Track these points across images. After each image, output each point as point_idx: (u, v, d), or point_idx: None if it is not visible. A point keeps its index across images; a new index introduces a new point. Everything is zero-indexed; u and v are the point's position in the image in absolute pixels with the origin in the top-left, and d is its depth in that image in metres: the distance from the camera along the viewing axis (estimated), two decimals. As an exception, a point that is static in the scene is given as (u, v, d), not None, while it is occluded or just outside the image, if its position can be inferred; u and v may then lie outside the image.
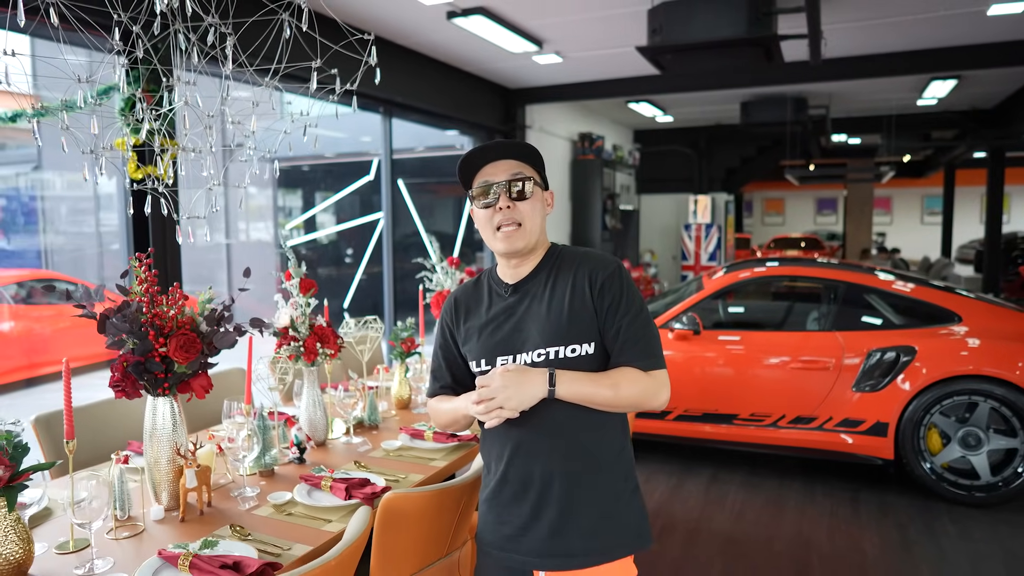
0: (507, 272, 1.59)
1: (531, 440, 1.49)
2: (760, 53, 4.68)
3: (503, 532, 1.53)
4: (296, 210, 13.45)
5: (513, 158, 1.53)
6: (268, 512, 1.95)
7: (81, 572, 1.60)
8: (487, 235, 1.54)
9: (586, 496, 1.48)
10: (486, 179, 1.52)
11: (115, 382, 1.89)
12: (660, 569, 3.14)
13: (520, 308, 1.54)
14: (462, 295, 1.66)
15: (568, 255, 1.57)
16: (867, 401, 3.95)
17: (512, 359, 1.50)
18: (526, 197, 1.51)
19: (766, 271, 4.83)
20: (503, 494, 1.53)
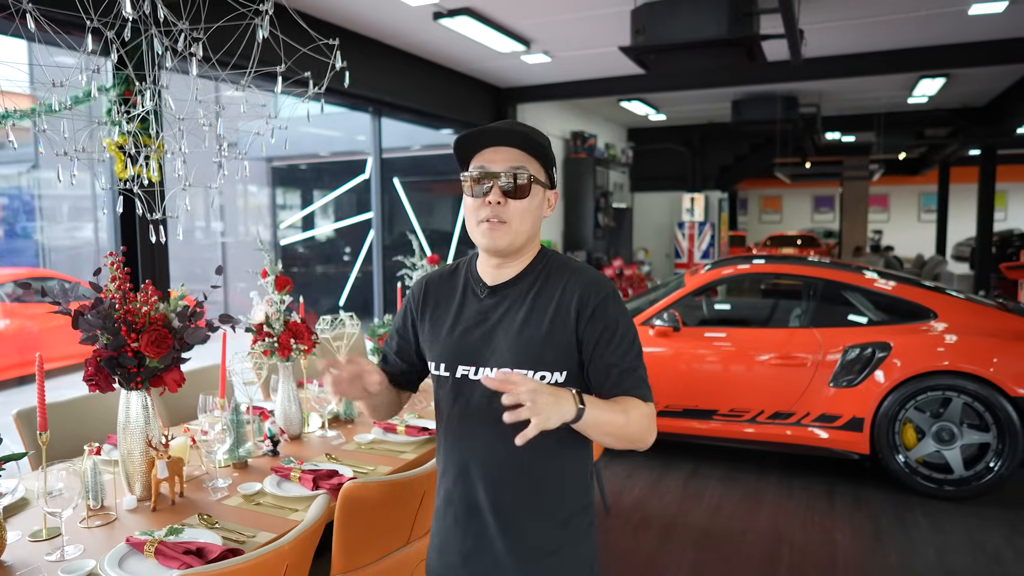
0: (488, 271, 1.40)
1: (483, 461, 1.35)
2: (742, 53, 4.74)
3: (445, 559, 1.41)
4: (294, 208, 13.52)
5: (519, 148, 1.33)
6: (238, 502, 2.01)
7: (52, 558, 1.67)
8: (470, 224, 1.36)
9: (537, 531, 1.34)
10: (483, 165, 1.33)
11: (88, 376, 1.95)
12: (634, 562, 3.21)
13: (494, 315, 1.35)
14: (434, 283, 1.48)
15: (558, 265, 1.38)
16: (843, 396, 4.01)
17: (474, 371, 1.34)
18: (521, 196, 1.32)
19: (750, 268, 4.89)
20: (447, 516, 1.41)
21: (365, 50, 5.65)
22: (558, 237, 9.74)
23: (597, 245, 9.99)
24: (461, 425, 1.37)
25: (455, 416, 1.37)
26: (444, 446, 1.42)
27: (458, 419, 1.37)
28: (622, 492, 4.01)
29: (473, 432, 1.35)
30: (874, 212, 19.88)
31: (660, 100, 9.67)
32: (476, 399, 1.34)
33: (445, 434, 1.41)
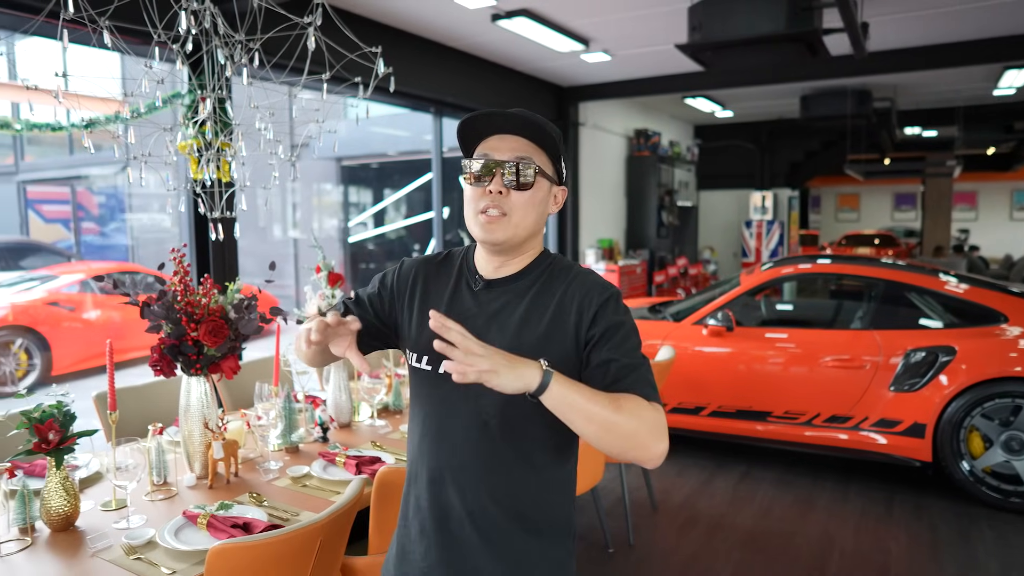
0: (486, 266, 1.30)
1: (460, 468, 1.23)
2: (803, 48, 4.63)
3: (403, 570, 1.29)
4: (364, 206, 13.93)
5: (526, 137, 1.24)
6: (286, 483, 2.15)
7: (119, 526, 1.83)
8: (469, 215, 1.26)
9: (508, 554, 1.22)
10: (486, 153, 1.24)
11: (154, 362, 2.12)
12: (676, 559, 3.21)
13: (488, 310, 1.25)
14: (426, 267, 1.36)
15: (562, 268, 1.29)
16: (904, 401, 3.89)
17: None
18: (524, 188, 1.23)
19: (811, 268, 4.78)
20: (411, 525, 1.29)
21: (425, 52, 5.79)
22: (620, 236, 9.70)
23: (661, 244, 9.89)
24: (440, 426, 1.25)
25: (435, 414, 1.26)
26: (419, 446, 1.28)
27: (436, 418, 1.26)
28: (670, 490, 4.00)
29: (452, 434, 1.23)
30: (961, 210, 18.88)
31: (726, 96, 9.49)
32: (460, 399, 1.22)
33: (421, 433, 1.28)
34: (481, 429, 1.22)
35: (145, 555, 1.67)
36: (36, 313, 6.86)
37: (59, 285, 7.33)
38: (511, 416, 1.21)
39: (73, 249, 12.90)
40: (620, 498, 3.75)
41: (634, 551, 3.29)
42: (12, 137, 13.99)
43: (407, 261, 1.39)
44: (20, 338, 6.70)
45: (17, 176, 13.84)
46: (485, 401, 1.21)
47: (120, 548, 1.70)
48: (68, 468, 1.85)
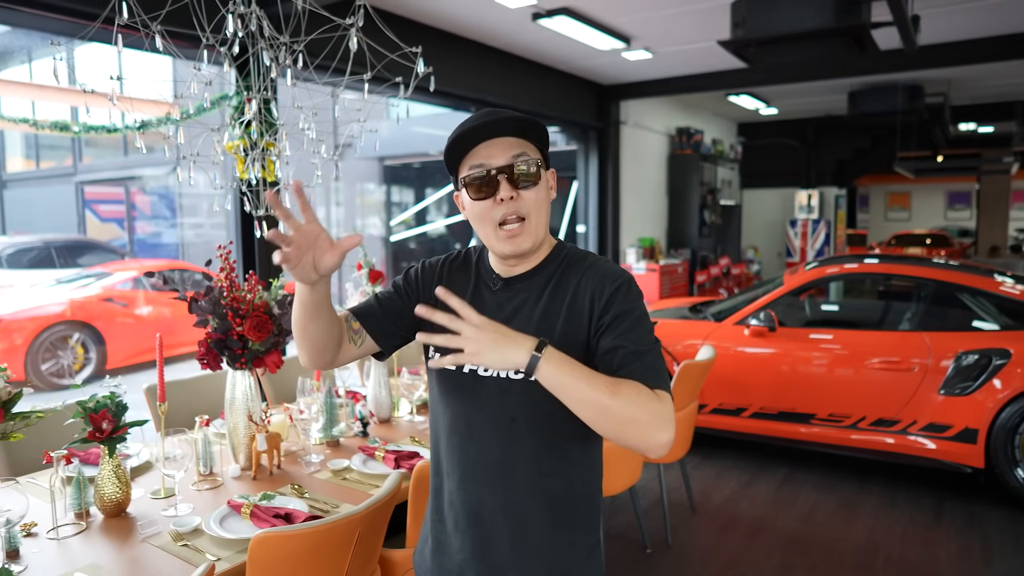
0: (501, 264, 1.30)
1: (492, 463, 1.24)
2: (851, 43, 4.52)
3: (441, 563, 1.32)
4: (405, 205, 14.08)
5: (512, 135, 1.22)
6: (327, 476, 2.19)
7: (167, 513, 1.90)
8: (485, 232, 1.25)
9: (540, 545, 1.25)
10: (481, 163, 1.21)
11: (200, 356, 2.19)
12: (715, 560, 3.18)
13: (507, 309, 1.26)
14: (449, 268, 1.37)
15: (575, 260, 1.29)
16: (955, 405, 3.77)
17: (483, 367, 1.23)
18: (532, 184, 1.22)
19: (857, 268, 4.67)
20: (446, 520, 1.31)
21: (467, 51, 5.83)
22: (662, 235, 9.61)
23: (703, 243, 9.77)
24: (468, 424, 1.26)
25: (461, 414, 1.27)
26: (446, 444, 1.30)
27: (464, 417, 1.27)
28: (710, 492, 3.96)
29: (480, 431, 1.25)
30: (1019, 209, 18.20)
31: (771, 93, 9.32)
32: (485, 397, 1.24)
33: (449, 432, 1.29)
34: (508, 426, 1.23)
35: (192, 542, 1.72)
36: (92, 309, 7.13)
37: (114, 282, 7.60)
38: (536, 412, 1.22)
39: (127, 247, 13.35)
40: (658, 498, 3.72)
41: (672, 551, 3.26)
42: (71, 139, 14.56)
43: (427, 263, 1.39)
44: (77, 332, 6.96)
45: (75, 177, 14.38)
46: (510, 399, 1.23)
47: (168, 535, 1.76)
48: (120, 457, 1.92)
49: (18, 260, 8.71)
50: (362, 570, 1.72)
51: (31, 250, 8.99)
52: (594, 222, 8.16)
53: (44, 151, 15.96)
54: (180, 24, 2.33)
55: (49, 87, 7.05)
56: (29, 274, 8.39)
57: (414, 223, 13.72)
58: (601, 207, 8.15)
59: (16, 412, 1.69)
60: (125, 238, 13.82)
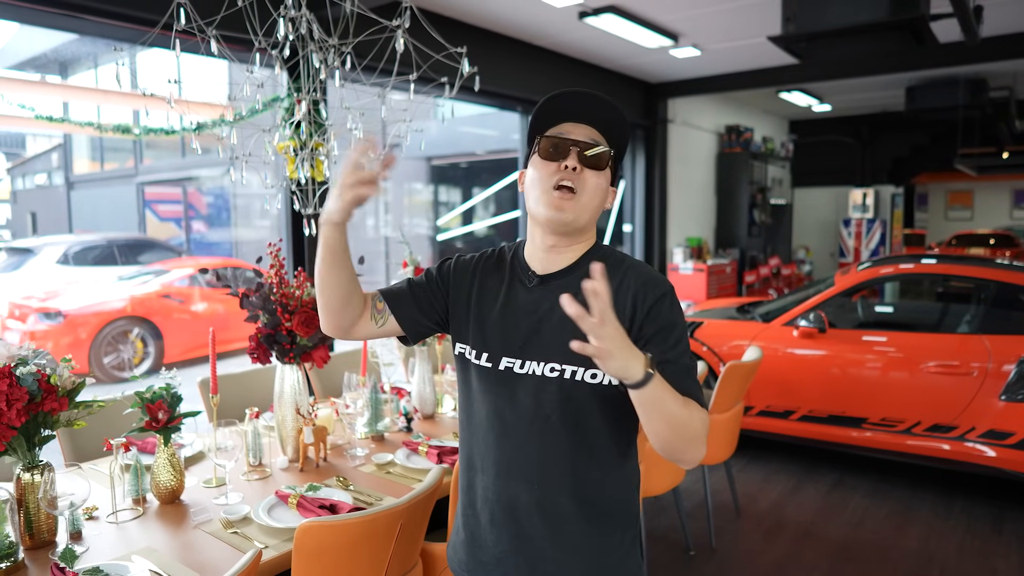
0: (537, 257, 1.31)
1: (528, 460, 1.26)
2: (908, 36, 4.38)
3: (477, 556, 1.33)
4: (455, 205, 14.22)
5: (600, 131, 1.27)
6: (371, 469, 2.24)
7: (218, 501, 1.97)
8: (535, 194, 1.26)
9: (576, 541, 1.26)
10: (561, 132, 1.26)
11: (251, 350, 2.26)
12: (759, 565, 3.12)
13: (543, 306, 1.27)
14: (482, 264, 1.38)
15: (614, 261, 1.29)
16: (1017, 412, 3.62)
17: (520, 364, 1.26)
18: (598, 167, 1.25)
19: (913, 268, 4.52)
20: (480, 514, 1.32)
21: (512, 51, 5.85)
22: (710, 235, 9.47)
23: (752, 243, 9.60)
24: (502, 421, 1.27)
25: (496, 411, 1.28)
26: (480, 441, 1.31)
27: (499, 414, 1.28)
28: (755, 495, 3.89)
29: (516, 428, 1.26)
30: (1091, 207, 17.36)
31: (824, 89, 9.09)
32: (521, 394, 1.25)
33: (485, 428, 1.30)
34: (544, 422, 1.24)
35: (241, 529, 1.78)
36: (151, 305, 7.39)
37: (172, 279, 7.86)
38: (572, 410, 1.24)
39: (184, 246, 13.81)
40: (702, 501, 3.67)
41: (716, 554, 3.22)
42: (133, 142, 15.13)
43: (461, 258, 1.40)
44: (137, 328, 7.23)
45: (136, 178, 14.94)
46: (546, 396, 1.24)
47: (219, 522, 1.82)
48: (175, 446, 2.00)
49: (83, 258, 9.09)
50: (404, 562, 1.75)
51: (95, 248, 9.36)
52: (641, 221, 8.10)
53: (108, 153, 16.63)
54: (234, 29, 2.41)
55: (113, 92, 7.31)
56: (93, 271, 8.75)
57: (461, 223, 13.83)
58: (648, 206, 8.08)
59: (79, 401, 1.77)
60: (182, 236, 14.30)
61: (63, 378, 1.74)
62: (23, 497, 1.67)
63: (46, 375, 1.69)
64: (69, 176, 16.78)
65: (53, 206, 17.17)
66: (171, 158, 15.02)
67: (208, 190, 14.69)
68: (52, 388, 1.69)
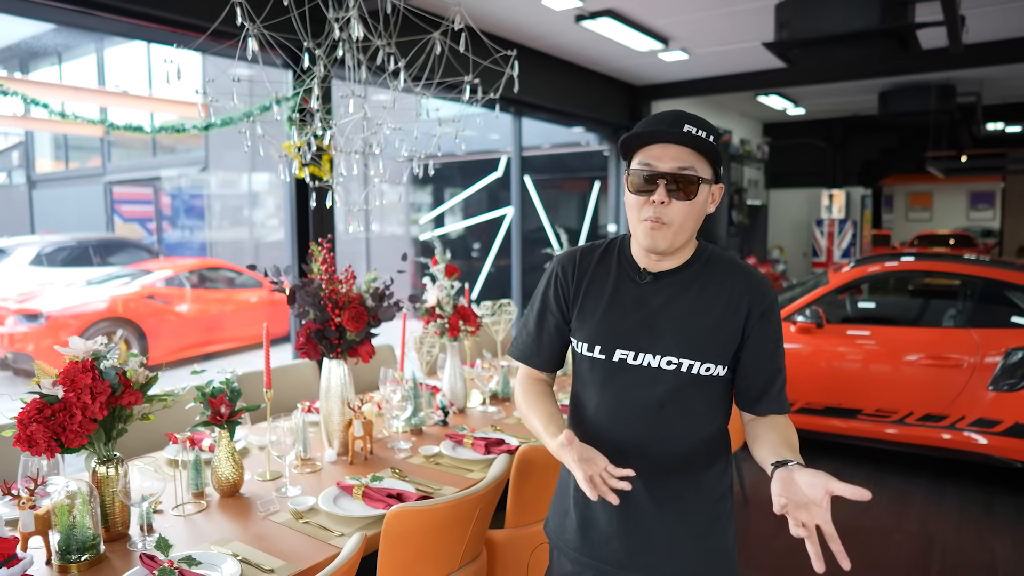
0: (644, 258, 1.37)
1: (638, 445, 1.34)
2: (895, 43, 4.58)
3: (587, 535, 1.40)
4: (426, 206, 14.21)
5: (687, 145, 1.26)
6: (420, 461, 2.28)
7: (277, 494, 2.00)
8: (632, 220, 1.32)
9: (682, 513, 1.35)
10: (648, 162, 1.28)
11: (300, 346, 2.29)
12: (773, 550, 3.25)
13: (655, 301, 1.33)
14: (585, 259, 1.43)
15: (722, 262, 1.37)
16: (1005, 401, 3.82)
17: (634, 355, 1.32)
18: (688, 197, 1.27)
19: (898, 266, 4.72)
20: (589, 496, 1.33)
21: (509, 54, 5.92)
22: (689, 234, 9.66)
23: (730, 243, 9.81)
24: (615, 408, 1.35)
25: (609, 399, 1.35)
26: (593, 429, 1.38)
27: (612, 402, 1.35)
28: (761, 485, 4.02)
29: (629, 415, 1.34)
30: (1043, 209, 18.08)
31: (800, 93, 9.35)
32: (634, 384, 1.33)
33: (594, 415, 1.38)
34: (658, 409, 1.33)
35: (311, 520, 1.82)
36: (135, 306, 7.27)
37: (154, 280, 7.75)
38: (683, 397, 1.33)
39: (156, 246, 13.54)
40: (712, 491, 3.79)
41: (730, 542, 3.33)
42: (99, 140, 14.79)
43: (564, 260, 1.45)
44: (120, 329, 7.11)
45: (104, 177, 14.60)
46: (660, 387, 1.32)
47: (288, 513, 1.85)
48: (231, 441, 2.02)
49: (54, 258, 8.89)
50: (475, 545, 1.81)
51: (64, 249, 9.16)
52: (624, 222, 8.23)
53: (72, 152, 16.22)
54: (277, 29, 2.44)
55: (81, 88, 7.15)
56: (66, 272, 8.56)
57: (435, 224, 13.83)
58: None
59: (152, 395, 1.79)
60: (149, 238, 14.02)
61: (137, 372, 1.76)
62: (100, 490, 1.69)
63: (123, 369, 1.71)
64: (31, 175, 16.31)
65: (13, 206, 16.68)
66: (141, 157, 14.72)
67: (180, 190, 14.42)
68: (129, 382, 1.71)
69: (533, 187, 10.58)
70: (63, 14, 3.19)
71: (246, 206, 13.66)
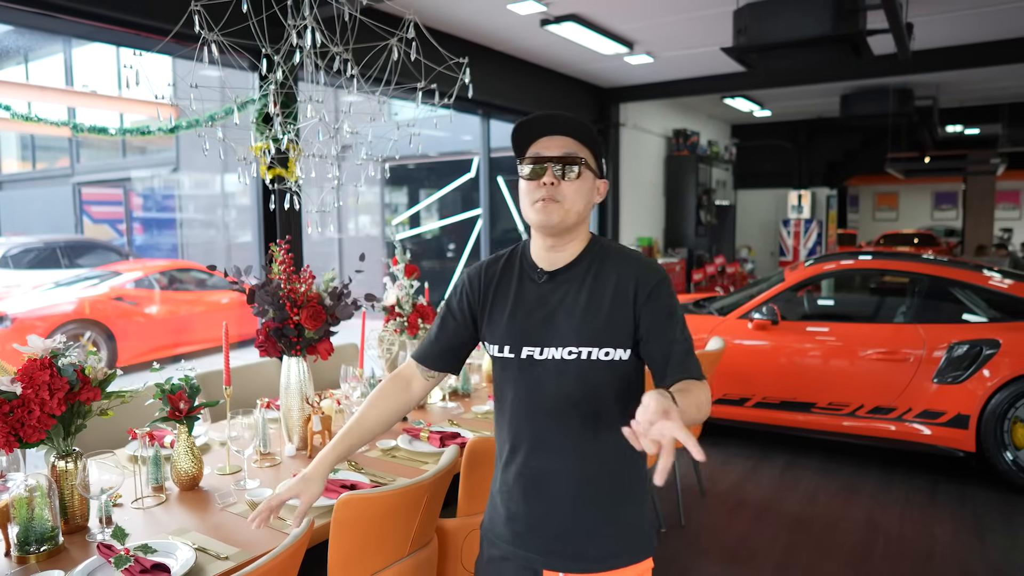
0: (542, 256, 1.47)
1: (552, 436, 1.43)
2: (847, 49, 4.74)
3: (513, 528, 1.48)
4: (401, 207, 14.24)
5: (569, 136, 1.42)
6: (377, 455, 2.36)
7: (236, 487, 2.06)
8: (525, 206, 1.44)
9: (601, 498, 1.43)
10: (538, 151, 1.42)
11: (260, 343, 2.35)
12: (726, 539, 3.37)
13: (554, 298, 1.43)
14: (491, 269, 1.54)
15: (612, 251, 1.47)
16: (948, 393, 3.99)
17: (540, 351, 1.42)
18: (571, 177, 1.40)
19: (854, 264, 4.88)
20: (516, 489, 1.47)
21: (476, 56, 5.98)
22: (659, 234, 9.82)
23: (699, 243, 10.00)
24: (530, 402, 1.43)
25: (523, 395, 1.44)
26: (511, 424, 1.47)
27: (526, 398, 1.43)
28: (717, 478, 4.16)
29: (543, 408, 1.42)
30: (1004, 209, 18.59)
31: (765, 96, 9.56)
32: (543, 377, 1.41)
33: (512, 412, 1.46)
34: (567, 400, 1.40)
35: (267, 510, 1.89)
36: (103, 307, 7.24)
37: (123, 281, 7.71)
38: (590, 386, 1.40)
39: (125, 248, 13.41)
40: (672, 483, 3.91)
41: (685, 531, 3.45)
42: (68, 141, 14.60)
43: (471, 272, 1.57)
44: (88, 331, 7.07)
45: (73, 178, 14.43)
46: (567, 377, 1.41)
47: (245, 504, 1.92)
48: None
49: (20, 260, 8.80)
50: (425, 532, 1.89)
51: (32, 250, 9.07)
52: (594, 221, 8.36)
53: (40, 152, 15.99)
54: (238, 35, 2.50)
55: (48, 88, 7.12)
56: (33, 274, 8.48)
57: (409, 224, 13.87)
58: (601, 207, 8.36)
59: (110, 391, 1.85)
60: (118, 239, 13.87)
61: (95, 369, 1.82)
62: (59, 484, 1.74)
63: (81, 367, 1.77)
64: (-3, 175, 16.05)
65: (-22, 207, 16.39)
66: (110, 158, 14.57)
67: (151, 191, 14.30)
68: (87, 379, 1.77)
69: (506, 188, 10.68)
70: (24, 16, 3.21)
71: (218, 207, 13.59)
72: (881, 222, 20.77)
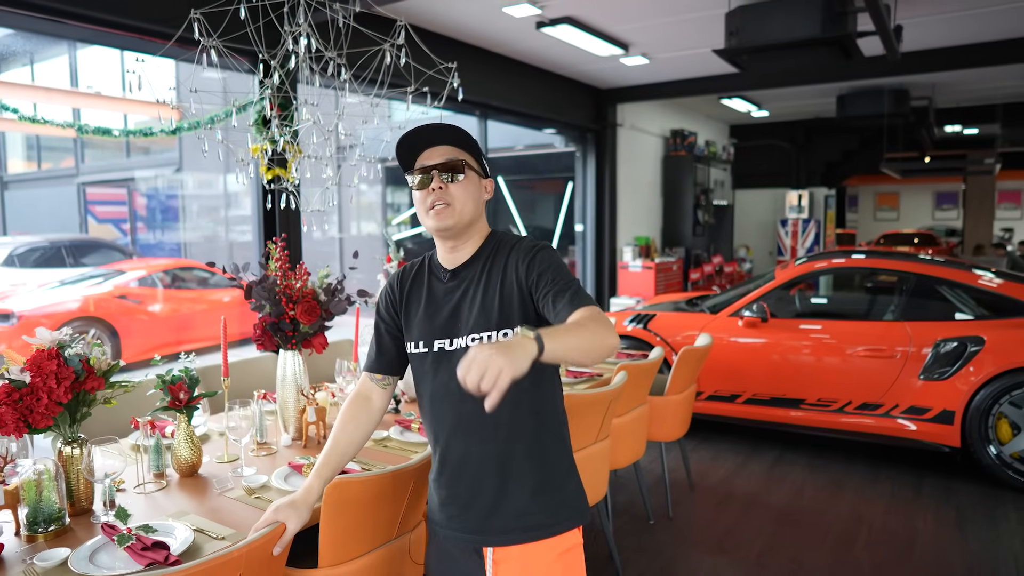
0: (446, 257, 1.61)
1: (469, 419, 1.52)
2: (837, 51, 4.82)
3: (448, 511, 1.57)
4: (403, 206, 14.34)
5: (449, 144, 1.55)
6: (370, 444, 2.45)
7: (233, 474, 2.15)
8: (421, 214, 1.57)
9: (523, 474, 1.52)
10: (423, 163, 1.55)
11: (257, 338, 2.45)
12: (714, 530, 3.46)
13: (457, 294, 1.56)
14: (407, 275, 1.69)
15: (504, 242, 1.59)
16: (933, 389, 4.07)
17: (449, 342, 1.54)
18: (458, 180, 1.53)
19: (844, 262, 4.95)
20: (444, 474, 1.57)
21: (473, 58, 6.10)
22: (657, 234, 9.90)
23: (696, 242, 10.07)
24: (445, 392, 1.53)
25: (438, 385, 1.55)
26: (432, 414, 1.58)
27: (441, 387, 1.54)
28: (706, 472, 4.24)
29: (455, 395, 1.49)
30: (1006, 209, 18.62)
31: (763, 96, 9.63)
32: (454, 367, 1.39)
33: (431, 403, 1.58)
34: None
35: (262, 495, 1.98)
36: (108, 305, 7.35)
37: (126, 280, 7.82)
38: None
39: (129, 247, 13.53)
40: (660, 476, 4.00)
41: (673, 523, 3.54)
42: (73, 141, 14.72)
43: (392, 279, 1.72)
44: (93, 328, 7.18)
45: (78, 178, 14.56)
46: None
47: (242, 490, 2.02)
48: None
49: (26, 259, 8.91)
50: (413, 516, 1.99)
51: (37, 249, 9.19)
52: (592, 222, 8.44)
53: (45, 152, 16.13)
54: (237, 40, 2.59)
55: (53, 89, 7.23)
56: (39, 273, 8.60)
57: (410, 224, 13.97)
58: (599, 207, 8.44)
59: (113, 381, 1.94)
60: (122, 238, 13.99)
61: (100, 360, 1.91)
62: (65, 468, 1.84)
63: (87, 357, 1.86)
64: (3, 176, 16.20)
65: (-16, 207, 16.53)
66: (114, 158, 14.70)
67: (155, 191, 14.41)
68: (92, 369, 1.86)
69: (506, 187, 10.77)
70: (28, 20, 3.31)
71: (220, 207, 13.70)
72: (882, 222, 20.80)
